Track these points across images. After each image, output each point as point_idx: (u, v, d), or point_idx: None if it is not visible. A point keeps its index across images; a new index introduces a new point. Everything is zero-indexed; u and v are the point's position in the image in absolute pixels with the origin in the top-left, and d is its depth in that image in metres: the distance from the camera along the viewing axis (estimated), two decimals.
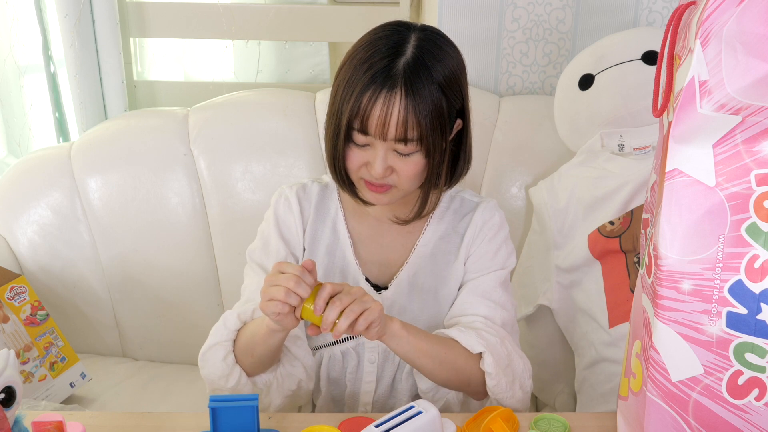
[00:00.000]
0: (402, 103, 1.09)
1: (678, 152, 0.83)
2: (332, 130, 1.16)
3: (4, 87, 1.98)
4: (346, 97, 1.12)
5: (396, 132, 1.10)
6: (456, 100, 1.16)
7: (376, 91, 1.09)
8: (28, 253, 1.78)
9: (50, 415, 0.92)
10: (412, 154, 1.13)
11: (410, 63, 1.11)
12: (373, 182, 1.16)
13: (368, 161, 1.14)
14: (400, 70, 1.10)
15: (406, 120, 1.10)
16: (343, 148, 1.15)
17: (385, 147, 1.12)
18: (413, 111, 1.10)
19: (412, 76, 1.10)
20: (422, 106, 1.10)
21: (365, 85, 1.10)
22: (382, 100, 1.09)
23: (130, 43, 2.02)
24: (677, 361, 0.87)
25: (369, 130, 1.11)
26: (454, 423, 1.01)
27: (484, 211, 1.28)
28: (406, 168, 1.14)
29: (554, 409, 1.66)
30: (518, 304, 1.67)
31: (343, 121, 1.13)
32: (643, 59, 1.53)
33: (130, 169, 1.79)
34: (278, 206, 1.29)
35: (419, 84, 1.10)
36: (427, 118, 1.10)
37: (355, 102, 1.11)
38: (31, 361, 1.63)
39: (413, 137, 1.11)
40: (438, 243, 1.27)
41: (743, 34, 0.75)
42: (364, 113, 1.10)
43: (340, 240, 1.27)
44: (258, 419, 0.99)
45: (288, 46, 2.09)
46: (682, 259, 0.84)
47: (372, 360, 1.26)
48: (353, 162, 1.16)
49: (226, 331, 1.18)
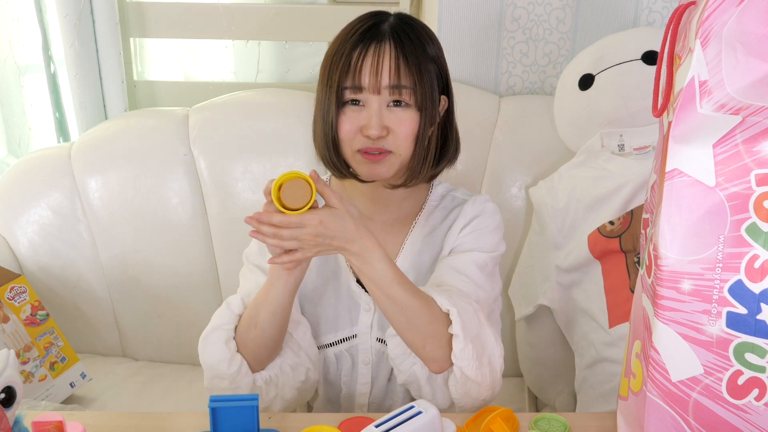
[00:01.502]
0: (392, 52, 1.12)
1: (678, 152, 0.82)
2: (321, 108, 1.17)
3: (4, 87, 1.98)
4: (333, 65, 1.14)
5: (390, 78, 1.12)
6: (442, 73, 1.19)
7: (365, 46, 1.13)
8: (28, 253, 1.78)
9: (50, 415, 0.91)
10: (406, 108, 1.14)
11: (394, 24, 1.15)
12: (369, 149, 1.15)
13: (363, 125, 1.14)
14: (386, 28, 1.15)
15: (398, 66, 1.12)
16: (336, 116, 1.15)
17: (379, 101, 1.13)
18: (404, 60, 1.12)
19: (399, 32, 1.14)
20: (414, 56, 1.13)
21: (353, 45, 1.13)
22: (372, 52, 1.12)
23: (130, 43, 2.02)
24: (677, 361, 0.87)
25: (362, 82, 1.12)
26: (454, 423, 1.01)
27: (474, 203, 1.27)
28: (401, 126, 1.14)
29: (554, 409, 1.66)
30: (518, 304, 1.67)
31: (334, 86, 1.13)
32: (643, 59, 1.53)
33: (130, 169, 1.79)
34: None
35: (407, 39, 1.14)
36: (418, 69, 1.13)
37: (345, 61, 1.13)
38: (31, 361, 1.63)
39: (407, 84, 1.13)
40: (425, 239, 1.26)
41: (743, 34, 0.75)
42: (355, 68, 1.12)
43: None
44: (258, 419, 0.99)
45: (288, 46, 2.09)
46: (682, 259, 0.84)
47: (366, 361, 1.25)
48: (346, 129, 1.15)
49: (229, 314, 1.16)
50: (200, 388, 1.65)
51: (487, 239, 1.24)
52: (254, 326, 1.14)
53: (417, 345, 1.12)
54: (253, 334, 1.14)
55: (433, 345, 1.11)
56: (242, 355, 1.15)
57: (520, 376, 1.79)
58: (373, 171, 1.17)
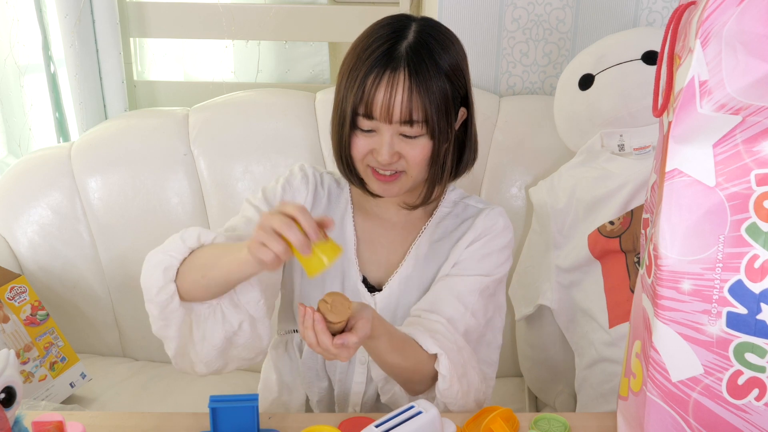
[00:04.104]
0: (406, 84, 1.09)
1: (678, 152, 0.82)
2: (337, 119, 1.16)
3: (4, 87, 1.98)
4: (349, 84, 1.12)
5: (401, 114, 1.10)
6: (460, 87, 1.16)
7: (380, 73, 1.10)
8: (28, 253, 1.78)
9: (50, 415, 0.91)
10: (418, 137, 1.12)
11: (412, 45, 1.11)
12: (380, 171, 1.15)
13: (374, 148, 1.13)
14: (403, 52, 1.10)
15: (411, 101, 1.09)
16: (349, 136, 1.14)
17: (390, 131, 1.12)
18: (417, 92, 1.09)
19: (415, 58, 1.10)
20: (426, 86, 1.10)
21: (368, 69, 1.10)
22: (386, 82, 1.09)
23: (130, 43, 2.02)
24: (677, 361, 0.87)
25: (374, 113, 1.11)
26: (454, 423, 1.01)
27: (486, 217, 1.25)
28: (413, 153, 1.13)
29: (554, 409, 1.66)
30: (518, 304, 1.67)
31: (347, 109, 1.12)
32: (643, 59, 1.53)
33: (130, 169, 1.79)
34: (294, 176, 1.27)
35: (422, 66, 1.10)
36: (432, 99, 1.10)
37: (359, 87, 1.10)
38: (31, 361, 1.63)
39: (418, 119, 1.11)
40: (432, 246, 1.25)
41: (743, 34, 0.75)
42: (368, 97, 1.10)
43: (346, 237, 1.26)
44: (258, 419, 0.99)
45: (288, 46, 2.09)
46: (682, 259, 0.84)
47: (363, 360, 1.25)
48: (359, 150, 1.14)
49: (181, 245, 1.12)
50: (200, 388, 1.66)
51: (492, 261, 1.23)
52: (201, 275, 1.09)
53: (402, 382, 1.16)
54: (195, 279, 1.10)
55: (420, 384, 1.15)
56: (177, 285, 1.11)
57: (520, 376, 1.79)
58: (385, 190, 1.17)
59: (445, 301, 1.19)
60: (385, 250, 1.27)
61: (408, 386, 1.16)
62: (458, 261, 1.23)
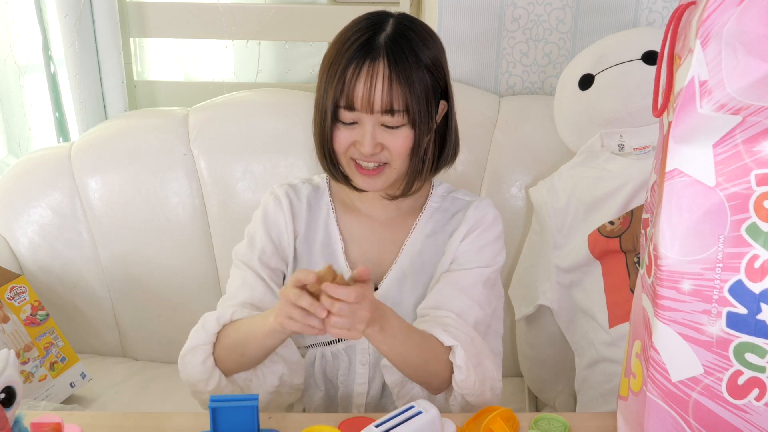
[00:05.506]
0: (386, 73, 1.11)
1: (678, 152, 0.82)
2: (319, 114, 1.17)
3: (4, 87, 1.98)
4: (330, 78, 1.13)
5: (382, 103, 1.11)
6: (439, 79, 1.17)
7: (359, 64, 1.11)
8: (28, 253, 1.78)
9: (49, 417, 0.91)
10: (399, 127, 1.13)
11: (391, 36, 1.13)
12: (363, 165, 1.16)
13: (357, 140, 1.14)
14: (381, 42, 1.12)
15: (391, 90, 1.11)
16: (331, 129, 1.15)
17: (372, 121, 1.13)
18: (397, 80, 1.11)
19: (394, 48, 1.12)
20: (406, 75, 1.11)
21: (347, 61, 1.12)
22: (366, 72, 1.11)
23: (130, 43, 2.02)
24: (677, 361, 0.87)
25: (355, 104, 1.12)
26: (454, 423, 1.01)
27: (476, 208, 1.26)
28: (395, 143, 1.14)
29: (554, 409, 1.66)
30: (518, 304, 1.67)
31: (328, 102, 1.13)
32: (643, 59, 1.53)
33: (130, 169, 1.79)
34: (267, 205, 1.29)
35: (401, 55, 1.12)
36: (412, 88, 1.11)
37: (339, 79, 1.12)
38: (31, 361, 1.63)
39: (399, 108, 1.12)
40: (426, 241, 1.26)
41: (743, 34, 0.75)
42: (348, 89, 1.11)
43: (332, 240, 1.27)
44: (258, 419, 0.99)
45: (288, 46, 2.09)
46: (682, 259, 0.84)
47: (364, 362, 1.25)
48: (341, 143, 1.15)
49: (205, 334, 1.16)
50: None
51: (489, 252, 1.25)
52: (240, 355, 1.14)
53: (418, 377, 1.16)
54: (238, 360, 1.14)
55: (437, 379, 1.14)
56: (220, 369, 1.16)
57: (520, 376, 1.79)
58: (368, 183, 1.18)
59: (452, 297, 1.20)
60: (376, 249, 1.27)
61: (425, 380, 1.15)
62: (456, 256, 1.24)
